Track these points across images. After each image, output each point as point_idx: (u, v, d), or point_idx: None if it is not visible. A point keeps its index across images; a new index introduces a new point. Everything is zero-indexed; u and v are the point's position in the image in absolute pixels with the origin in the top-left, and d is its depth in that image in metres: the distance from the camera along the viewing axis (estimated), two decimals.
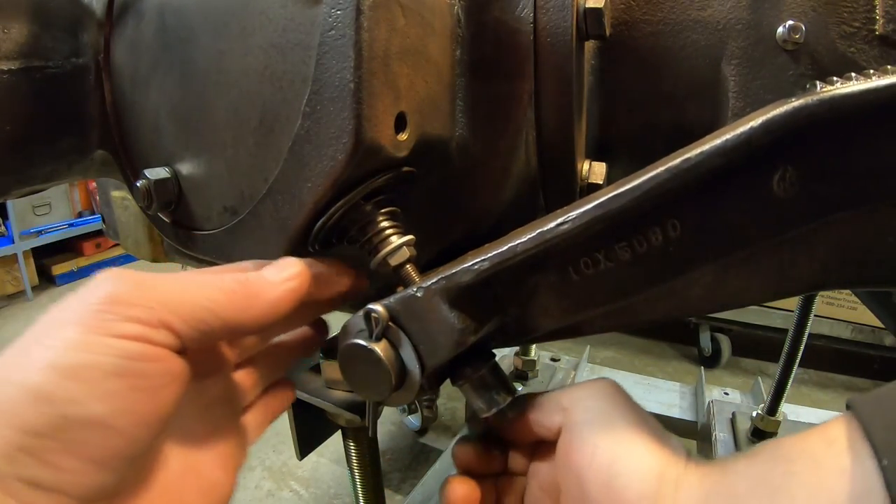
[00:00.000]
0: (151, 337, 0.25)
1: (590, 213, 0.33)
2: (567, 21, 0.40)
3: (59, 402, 0.22)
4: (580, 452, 0.34)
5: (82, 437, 0.23)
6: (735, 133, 0.30)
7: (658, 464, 0.32)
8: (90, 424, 0.23)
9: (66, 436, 0.22)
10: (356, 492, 0.76)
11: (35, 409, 0.22)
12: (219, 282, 0.28)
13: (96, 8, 0.49)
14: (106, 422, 0.23)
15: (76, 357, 0.23)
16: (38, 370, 0.23)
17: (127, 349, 0.24)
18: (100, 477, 0.23)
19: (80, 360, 0.23)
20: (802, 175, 0.31)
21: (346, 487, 1.88)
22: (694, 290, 0.36)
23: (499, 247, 0.35)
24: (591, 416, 0.35)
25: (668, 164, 0.31)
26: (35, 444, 0.22)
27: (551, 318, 0.36)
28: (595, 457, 0.33)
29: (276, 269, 0.32)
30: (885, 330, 2.19)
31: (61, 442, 0.22)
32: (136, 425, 0.24)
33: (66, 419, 0.22)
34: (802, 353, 1.14)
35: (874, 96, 0.28)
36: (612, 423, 0.34)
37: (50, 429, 0.22)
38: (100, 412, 0.23)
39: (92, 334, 0.24)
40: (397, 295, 0.35)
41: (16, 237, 3.35)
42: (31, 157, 0.49)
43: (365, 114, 0.32)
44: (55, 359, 0.23)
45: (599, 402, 0.35)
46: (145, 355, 0.24)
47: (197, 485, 0.29)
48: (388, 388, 0.34)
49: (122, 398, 0.24)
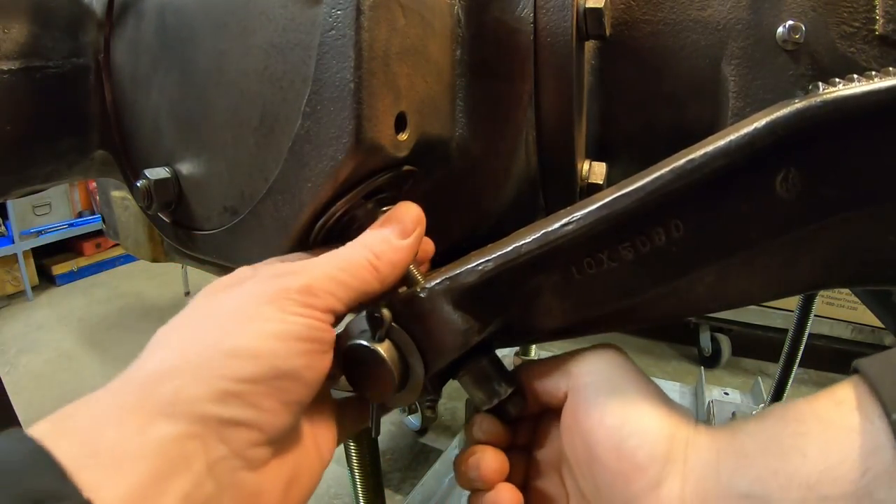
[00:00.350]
0: (322, 318, 0.31)
1: (594, 214, 0.33)
2: (567, 21, 0.40)
3: (267, 356, 0.28)
4: (588, 415, 0.33)
5: (283, 384, 0.28)
6: (739, 134, 0.30)
7: (668, 425, 0.32)
8: (289, 375, 0.28)
9: (272, 383, 0.28)
10: (356, 492, 0.76)
11: (246, 363, 0.27)
12: (360, 264, 0.33)
13: (96, 8, 0.49)
14: (299, 373, 0.29)
15: (276, 326, 0.29)
16: (242, 335, 0.28)
17: (309, 323, 0.30)
18: (288, 418, 0.29)
19: (279, 328, 0.29)
20: (805, 176, 0.31)
21: (346, 487, 1.89)
22: (696, 290, 0.36)
23: (503, 247, 0.35)
24: (598, 379, 0.34)
25: (673, 165, 0.31)
26: (245, 389, 0.27)
27: (554, 319, 0.36)
28: (604, 418, 0.33)
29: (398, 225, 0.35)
30: (885, 330, 2.19)
31: (267, 387, 0.28)
32: (316, 379, 0.30)
33: (274, 369, 0.28)
34: (802, 353, 1.14)
35: (876, 98, 0.28)
36: (619, 386, 0.34)
37: (260, 377, 0.27)
38: (297, 365, 0.29)
39: (283, 310, 0.29)
40: (400, 295, 0.35)
41: (16, 237, 3.35)
42: (31, 157, 0.49)
43: (365, 114, 0.32)
44: (256, 326, 0.29)
45: (606, 365, 0.35)
46: (320, 328, 0.30)
47: (313, 441, 0.33)
48: (391, 389, 0.34)
49: (309, 357, 0.29)
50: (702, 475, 0.30)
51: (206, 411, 0.26)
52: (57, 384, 2.63)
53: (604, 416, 0.33)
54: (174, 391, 0.26)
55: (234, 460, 0.26)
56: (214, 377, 0.26)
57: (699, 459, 0.30)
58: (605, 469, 0.32)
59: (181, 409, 0.25)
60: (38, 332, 3.10)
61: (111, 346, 2.92)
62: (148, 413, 0.25)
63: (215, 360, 0.27)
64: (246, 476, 0.27)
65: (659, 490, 0.30)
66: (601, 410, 0.33)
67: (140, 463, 0.23)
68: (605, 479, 0.32)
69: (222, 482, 0.26)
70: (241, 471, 0.27)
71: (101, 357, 2.84)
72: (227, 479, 0.26)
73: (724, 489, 0.29)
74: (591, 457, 0.33)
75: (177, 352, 0.28)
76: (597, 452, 0.32)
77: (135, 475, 0.23)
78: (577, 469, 0.35)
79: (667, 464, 0.31)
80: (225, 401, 0.26)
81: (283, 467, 0.30)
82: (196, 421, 0.25)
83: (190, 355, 0.27)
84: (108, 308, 3.36)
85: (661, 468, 0.31)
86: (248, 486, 0.27)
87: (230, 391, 0.26)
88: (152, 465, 0.24)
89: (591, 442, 0.33)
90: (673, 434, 0.32)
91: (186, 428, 0.25)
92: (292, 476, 0.31)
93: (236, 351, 0.27)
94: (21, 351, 2.91)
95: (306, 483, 0.32)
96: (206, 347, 0.28)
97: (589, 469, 0.33)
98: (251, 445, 0.27)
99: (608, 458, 0.32)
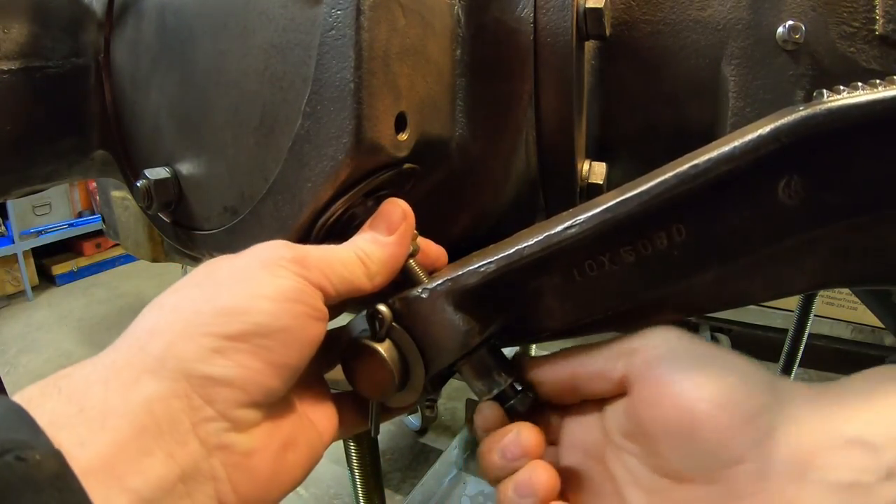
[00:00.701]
0: (312, 288, 0.31)
1: (597, 218, 0.33)
2: (567, 21, 0.40)
3: (254, 313, 0.28)
4: (676, 380, 0.31)
5: (268, 343, 0.28)
6: (743, 141, 0.30)
7: (763, 374, 0.31)
8: (275, 333, 0.28)
9: (256, 341, 0.27)
10: (356, 492, 0.76)
11: (232, 320, 0.27)
12: (352, 258, 0.33)
13: (96, 8, 0.49)
14: (287, 333, 0.29)
15: (264, 285, 0.29)
16: (233, 295, 0.28)
17: (299, 286, 0.30)
18: (272, 380, 0.28)
19: (267, 287, 0.29)
20: (808, 183, 0.31)
21: (346, 487, 1.89)
22: (696, 290, 0.36)
23: (505, 249, 0.35)
24: (672, 347, 0.33)
25: (677, 171, 0.31)
26: (229, 346, 0.27)
27: (554, 319, 0.36)
28: (697, 378, 0.31)
29: (384, 221, 0.35)
30: (885, 330, 2.19)
31: (252, 345, 0.27)
32: (303, 342, 0.30)
33: (259, 326, 0.28)
34: (802, 353, 1.14)
35: (881, 107, 0.29)
36: (695, 350, 0.33)
37: (244, 334, 0.27)
38: (284, 324, 0.28)
39: (274, 275, 0.29)
40: (401, 295, 0.35)
41: (16, 237, 3.35)
42: (31, 157, 0.49)
43: (365, 114, 0.32)
44: (248, 287, 0.29)
45: (671, 335, 0.34)
46: (310, 293, 0.30)
47: (311, 413, 0.34)
48: (390, 388, 0.34)
49: (298, 318, 0.29)
50: (807, 422, 0.29)
51: (192, 369, 0.26)
52: None
53: (696, 377, 0.31)
54: (164, 347, 0.26)
55: (220, 421, 0.26)
56: (202, 334, 0.27)
57: (802, 407, 0.30)
58: (714, 428, 0.30)
59: (169, 366, 0.26)
60: (38, 332, 3.10)
61: None
62: (136, 370, 0.25)
63: (204, 317, 0.27)
64: (234, 437, 0.27)
65: (772, 437, 0.29)
66: (691, 372, 0.31)
67: (124, 420, 0.24)
68: (709, 442, 0.30)
69: (208, 443, 0.26)
70: (228, 432, 0.27)
71: None
72: (214, 439, 0.26)
73: (832, 437, 0.28)
74: (689, 423, 0.30)
75: (169, 311, 0.28)
76: (697, 415, 0.30)
77: (118, 432, 0.23)
78: (662, 445, 0.32)
79: (774, 412, 0.30)
80: (211, 359, 0.26)
81: (277, 431, 0.30)
82: (181, 379, 0.26)
83: (182, 313, 0.28)
84: (108, 308, 3.36)
85: (771, 416, 0.30)
86: (237, 447, 0.27)
87: (216, 348, 0.26)
88: (137, 422, 0.24)
89: (687, 406, 0.30)
90: (772, 382, 0.31)
91: (171, 386, 0.25)
92: (287, 441, 0.30)
93: (225, 308, 0.28)
94: (21, 351, 2.91)
95: (305, 451, 0.32)
96: (197, 305, 0.28)
97: (684, 439, 0.31)
98: (236, 406, 0.27)
99: (713, 417, 0.30)
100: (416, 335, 0.35)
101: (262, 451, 0.29)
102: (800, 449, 0.29)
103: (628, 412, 0.34)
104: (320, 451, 0.34)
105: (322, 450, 0.34)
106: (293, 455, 0.31)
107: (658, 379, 0.32)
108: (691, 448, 0.31)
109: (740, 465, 0.29)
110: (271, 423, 0.30)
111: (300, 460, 0.32)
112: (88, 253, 3.72)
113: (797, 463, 0.28)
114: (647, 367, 0.33)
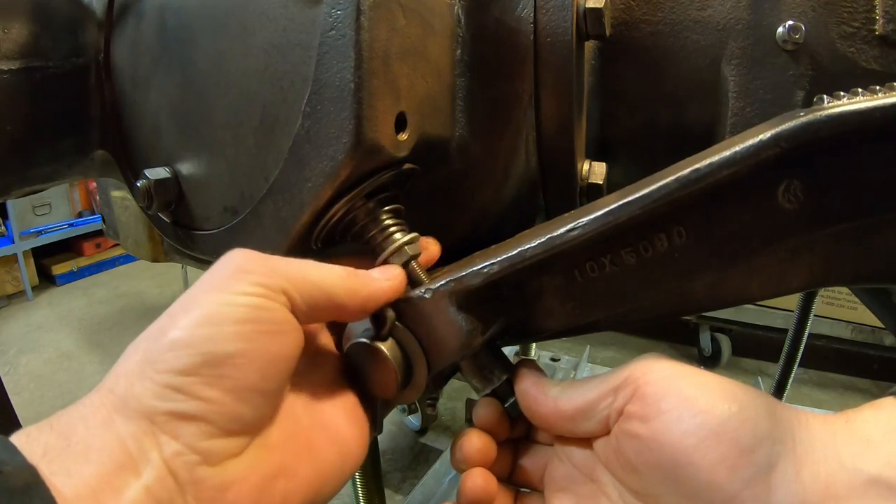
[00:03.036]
0: (272, 297, 0.29)
1: (599, 220, 0.33)
2: (567, 21, 0.40)
3: (199, 343, 0.27)
4: (667, 410, 0.29)
5: (221, 371, 0.27)
6: (744, 146, 0.30)
7: (764, 401, 0.29)
8: (227, 360, 0.27)
9: (208, 371, 0.27)
10: (356, 492, 0.76)
11: (179, 353, 0.27)
12: (331, 269, 0.32)
13: (96, 8, 0.49)
14: (240, 357, 0.27)
15: (210, 309, 0.28)
16: (179, 327, 0.27)
17: (253, 301, 0.28)
18: (238, 407, 0.27)
19: (213, 311, 0.28)
20: (808, 188, 0.31)
21: (346, 487, 1.89)
22: (695, 289, 0.36)
23: (507, 250, 0.35)
24: (665, 375, 0.31)
25: (678, 174, 0.32)
26: (181, 381, 0.26)
27: (555, 319, 0.36)
28: (689, 406, 0.28)
29: (380, 271, 0.35)
30: (885, 330, 2.19)
31: (204, 377, 0.26)
32: (265, 361, 0.28)
33: (206, 356, 0.27)
34: (802, 353, 1.14)
35: (881, 114, 0.29)
36: (690, 375, 0.30)
37: (193, 367, 0.26)
38: (234, 349, 0.27)
39: (223, 293, 0.28)
40: (404, 295, 0.35)
41: (16, 237, 3.35)
42: (31, 157, 0.49)
43: (365, 114, 0.32)
44: (193, 315, 0.28)
45: (664, 363, 0.32)
46: (268, 307, 0.29)
47: (326, 435, 0.32)
48: (394, 388, 0.35)
49: (252, 339, 0.28)
50: (820, 458, 0.26)
51: (152, 407, 0.26)
52: (57, 384, 2.63)
53: (683, 407, 0.29)
54: (126, 389, 0.26)
55: (189, 455, 0.26)
56: (157, 371, 0.26)
57: (814, 441, 0.27)
58: (702, 464, 0.27)
59: (132, 406, 0.26)
60: (38, 332, 3.10)
61: (111, 346, 2.92)
62: (108, 409, 0.26)
63: (156, 353, 0.27)
64: (206, 471, 0.26)
65: (771, 475, 0.26)
66: (678, 402, 0.29)
67: (103, 454, 0.24)
68: (702, 477, 0.27)
69: (181, 478, 0.26)
70: (199, 466, 0.26)
71: (101, 357, 2.84)
72: (185, 475, 0.26)
73: (850, 474, 0.25)
74: (680, 456, 0.28)
75: (132, 351, 0.28)
76: (687, 448, 0.28)
77: (101, 465, 0.24)
78: (650, 483, 0.30)
79: (775, 443, 0.27)
80: (168, 396, 0.26)
81: (264, 459, 0.28)
82: (145, 417, 0.26)
83: (139, 353, 0.27)
84: (108, 308, 3.36)
85: (770, 448, 0.27)
86: (210, 481, 0.26)
87: (170, 385, 0.26)
88: (114, 458, 0.25)
89: (677, 438, 0.28)
90: (773, 410, 0.28)
91: (138, 424, 0.26)
92: (279, 469, 0.29)
93: (174, 342, 0.27)
94: (21, 351, 2.91)
95: (307, 477, 0.30)
96: (150, 343, 0.28)
97: (676, 473, 0.28)
98: (203, 438, 0.26)
99: (705, 449, 0.27)
100: (418, 335, 0.35)
101: (241, 483, 0.27)
102: (807, 488, 0.26)
103: (615, 446, 0.32)
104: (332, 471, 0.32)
105: (347, 471, 0.32)
106: (287, 484, 0.29)
107: (647, 410, 0.30)
108: (680, 487, 0.28)
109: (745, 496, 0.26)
110: (258, 451, 0.28)
111: (298, 488, 0.30)
112: (88, 253, 3.71)
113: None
114: (639, 398, 0.31)
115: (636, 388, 0.31)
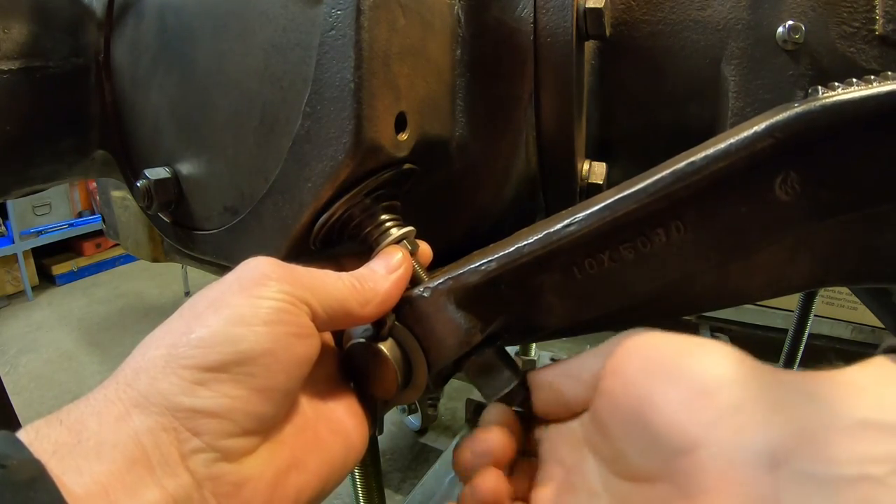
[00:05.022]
0: (296, 304, 0.30)
1: (596, 215, 0.33)
2: (567, 21, 0.40)
3: (230, 342, 0.27)
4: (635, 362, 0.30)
5: (249, 370, 0.27)
6: (739, 137, 0.30)
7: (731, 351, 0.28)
8: (256, 359, 0.28)
9: (236, 369, 0.27)
10: (356, 492, 0.76)
11: (209, 351, 0.27)
12: (342, 279, 0.33)
13: (96, 8, 0.49)
14: (269, 356, 0.28)
15: (241, 310, 0.28)
16: (210, 324, 0.28)
17: (280, 306, 0.29)
18: (262, 406, 0.28)
19: (244, 312, 0.28)
20: (804, 179, 0.31)
21: (346, 487, 1.89)
22: (696, 288, 0.36)
23: (505, 247, 0.35)
24: (641, 345, 0.31)
25: (673, 168, 0.31)
26: (210, 377, 0.27)
27: (555, 317, 0.36)
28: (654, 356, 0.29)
29: (383, 260, 0.35)
30: (885, 330, 2.19)
31: (233, 374, 0.27)
32: (291, 363, 0.29)
33: (237, 354, 0.27)
34: (802, 353, 1.14)
35: (875, 103, 0.29)
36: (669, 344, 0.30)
37: (223, 364, 0.27)
38: (264, 349, 0.28)
39: (251, 297, 0.29)
40: (403, 294, 0.35)
41: (16, 237, 3.35)
42: (31, 157, 0.49)
43: (365, 114, 0.32)
44: (224, 314, 0.28)
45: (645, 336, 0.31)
46: (293, 312, 0.30)
47: (329, 427, 0.33)
48: (394, 387, 0.35)
49: (280, 340, 0.29)
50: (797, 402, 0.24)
51: (176, 403, 0.26)
52: (57, 384, 2.63)
53: (653, 352, 0.29)
54: (148, 383, 0.26)
55: (208, 452, 0.26)
56: (183, 367, 0.27)
57: (790, 387, 0.25)
58: (663, 406, 0.27)
59: (154, 401, 0.26)
60: (38, 332, 3.10)
61: (111, 346, 2.92)
62: (125, 404, 0.26)
63: (183, 349, 0.27)
64: (224, 467, 0.27)
65: (736, 418, 0.24)
66: (654, 359, 0.29)
67: (116, 450, 0.24)
68: (664, 420, 0.26)
69: (198, 474, 0.26)
70: (218, 462, 0.26)
71: (101, 357, 2.84)
72: (203, 471, 0.26)
73: (833, 417, 0.23)
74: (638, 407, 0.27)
75: (152, 348, 0.28)
76: (646, 397, 0.27)
77: (112, 462, 0.24)
78: (619, 440, 0.29)
79: (741, 388, 0.25)
80: (193, 392, 0.26)
81: (277, 454, 0.29)
82: (167, 412, 0.26)
83: (162, 349, 0.28)
84: (108, 308, 3.37)
85: (733, 392, 0.25)
86: (228, 477, 0.27)
87: (197, 380, 0.26)
88: (128, 454, 0.24)
89: (638, 391, 0.28)
90: (741, 359, 0.27)
91: (158, 419, 0.26)
92: (291, 462, 0.30)
93: (203, 339, 0.27)
94: (21, 351, 2.91)
95: (316, 469, 0.31)
96: (175, 339, 0.28)
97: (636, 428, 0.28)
98: (225, 436, 0.27)
99: (664, 395, 0.27)
100: (418, 334, 0.35)
101: (257, 480, 0.28)
102: (782, 432, 0.23)
103: (592, 411, 0.32)
104: (340, 462, 0.33)
105: (350, 461, 0.33)
106: (299, 477, 0.30)
107: (619, 371, 0.30)
108: (644, 437, 0.27)
109: (696, 452, 0.25)
110: (271, 446, 0.29)
111: (309, 481, 0.31)
112: (88, 253, 3.72)
113: (776, 449, 0.23)
114: (614, 363, 0.31)
115: (622, 352, 0.31)
